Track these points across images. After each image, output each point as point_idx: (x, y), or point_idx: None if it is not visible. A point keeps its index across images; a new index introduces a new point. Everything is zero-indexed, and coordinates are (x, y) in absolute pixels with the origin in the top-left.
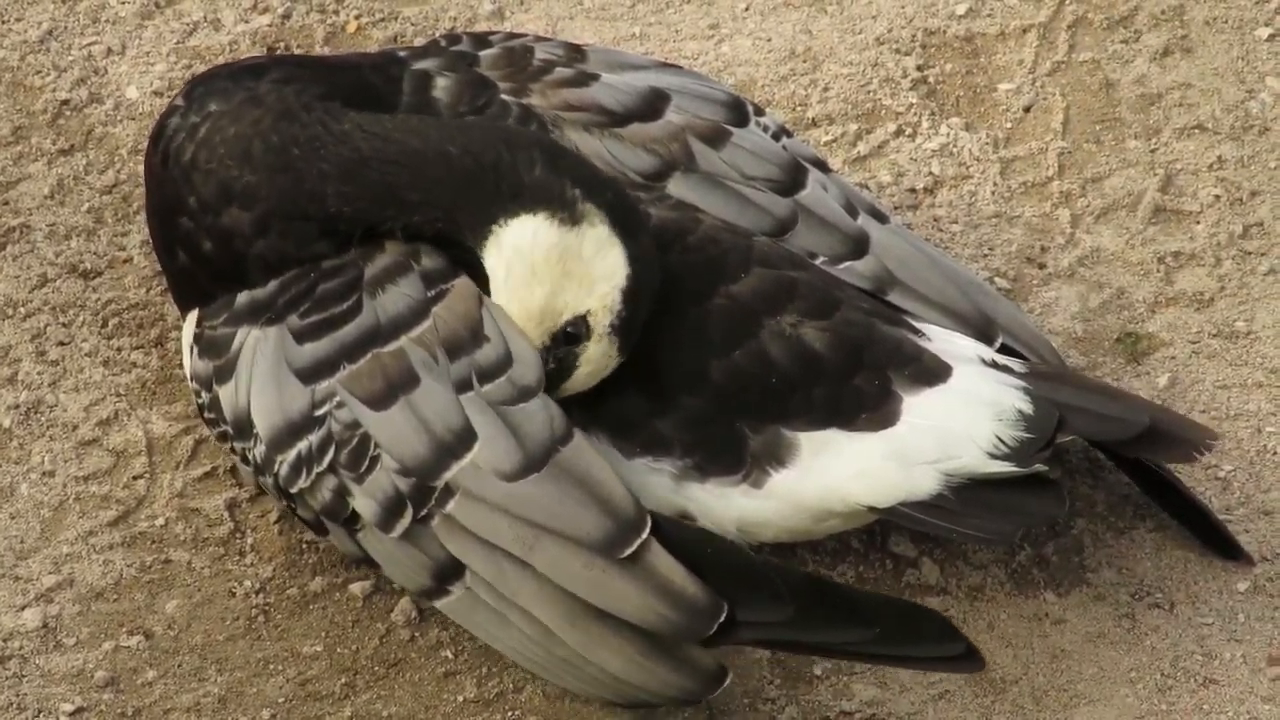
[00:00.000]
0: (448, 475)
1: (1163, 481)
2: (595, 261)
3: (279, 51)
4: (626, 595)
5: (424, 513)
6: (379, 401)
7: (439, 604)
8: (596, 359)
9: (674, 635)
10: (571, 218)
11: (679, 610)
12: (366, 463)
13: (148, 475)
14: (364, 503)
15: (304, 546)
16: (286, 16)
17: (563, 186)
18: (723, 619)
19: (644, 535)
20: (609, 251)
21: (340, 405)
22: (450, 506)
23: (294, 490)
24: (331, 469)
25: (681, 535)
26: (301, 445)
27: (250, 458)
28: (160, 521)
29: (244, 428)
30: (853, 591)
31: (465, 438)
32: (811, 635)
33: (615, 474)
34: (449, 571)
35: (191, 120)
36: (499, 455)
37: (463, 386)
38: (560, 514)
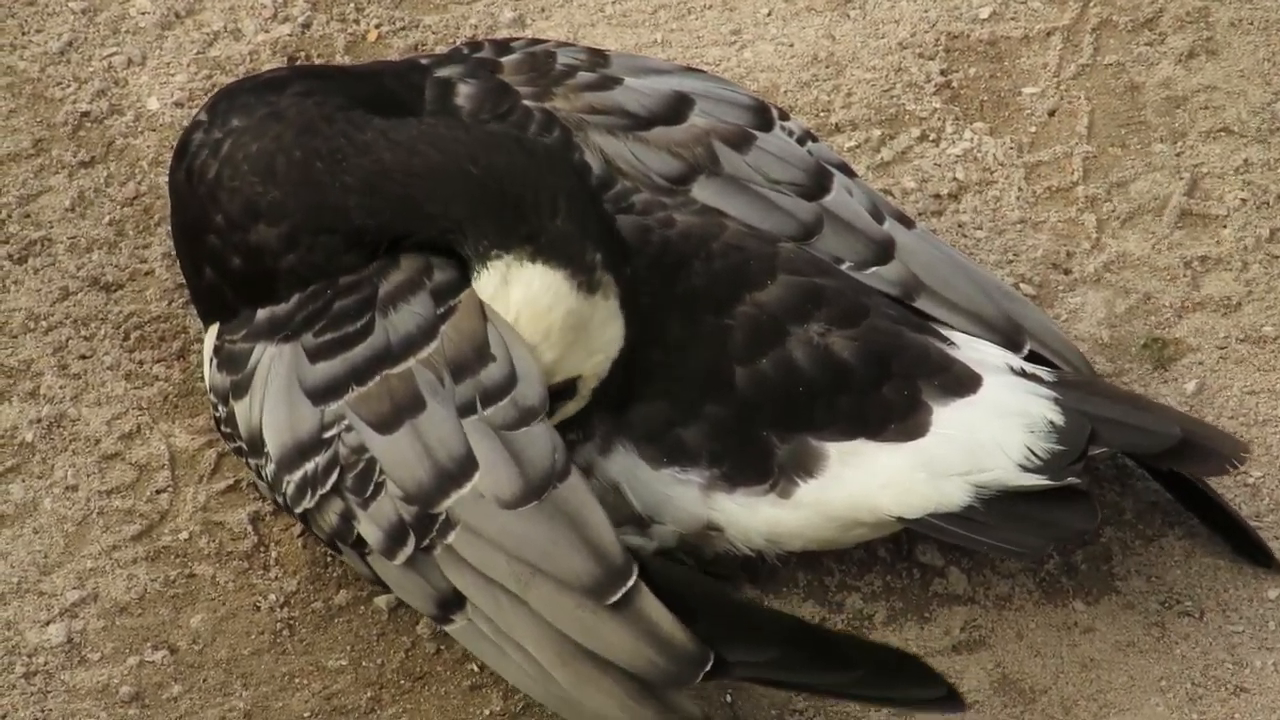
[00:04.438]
0: (447, 503)
1: (1193, 487)
2: (599, 332)
3: (300, 61)
4: (615, 640)
5: (426, 542)
6: (385, 425)
7: (447, 630)
8: (568, 412)
9: (661, 681)
10: (589, 284)
11: (667, 657)
12: (372, 488)
13: (171, 489)
14: (368, 528)
15: (328, 560)
16: (307, 26)
17: (584, 247)
18: (708, 668)
19: (630, 582)
20: (613, 325)
21: (349, 428)
22: (451, 538)
23: (299, 510)
24: (338, 492)
25: (669, 576)
26: (308, 466)
27: (263, 474)
28: (184, 535)
29: (256, 445)
30: (836, 636)
31: (466, 465)
32: (795, 676)
33: (606, 518)
34: (451, 601)
35: (215, 136)
36: (499, 482)
37: (467, 410)
38: (552, 554)
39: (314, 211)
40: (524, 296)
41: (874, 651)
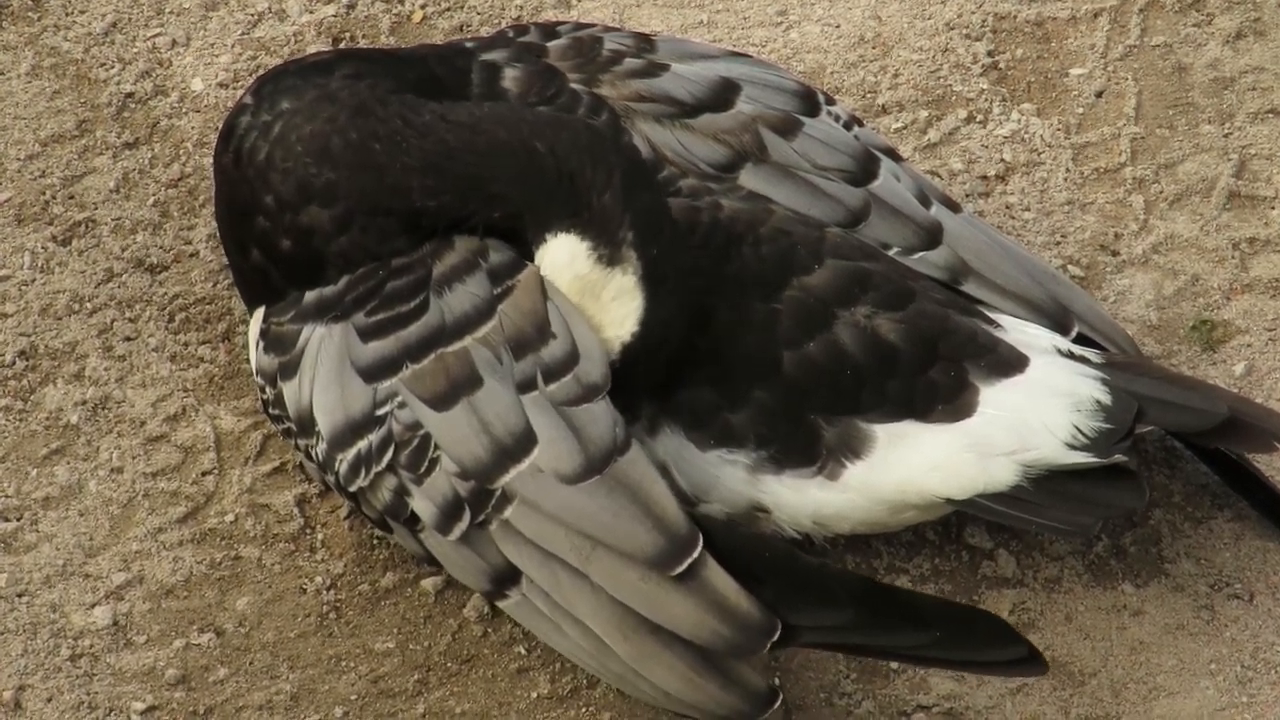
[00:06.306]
0: (505, 479)
1: (1242, 470)
2: (610, 307)
3: (344, 43)
4: (680, 612)
5: (481, 517)
6: (441, 402)
7: (500, 605)
8: None
9: (728, 652)
10: (610, 258)
11: (733, 627)
12: (426, 464)
13: (216, 471)
14: (423, 504)
15: (375, 542)
16: (351, 7)
17: (620, 222)
18: (776, 637)
19: (696, 553)
20: (626, 303)
21: (402, 405)
22: (508, 512)
23: (352, 489)
24: (391, 469)
25: (737, 541)
26: (361, 444)
27: (313, 455)
28: (230, 518)
29: (307, 425)
30: (912, 595)
31: (525, 441)
32: (869, 639)
33: (668, 490)
34: (506, 577)
35: (263, 119)
36: (560, 456)
37: (526, 386)
38: (615, 527)
39: (371, 193)
40: (549, 260)
41: (950, 610)
